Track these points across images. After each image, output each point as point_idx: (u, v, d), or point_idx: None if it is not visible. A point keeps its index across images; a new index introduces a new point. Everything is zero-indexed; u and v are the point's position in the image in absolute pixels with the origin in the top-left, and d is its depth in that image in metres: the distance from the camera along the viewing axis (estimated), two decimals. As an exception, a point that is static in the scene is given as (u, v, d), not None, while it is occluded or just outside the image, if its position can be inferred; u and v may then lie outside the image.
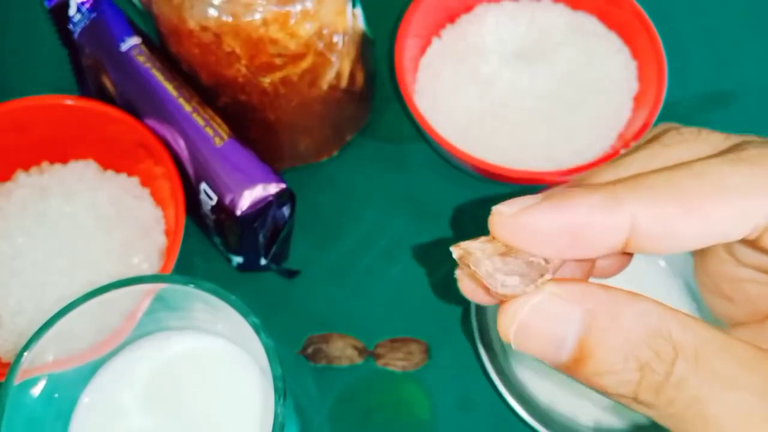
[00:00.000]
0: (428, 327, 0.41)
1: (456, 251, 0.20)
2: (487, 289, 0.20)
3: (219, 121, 0.38)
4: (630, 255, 0.24)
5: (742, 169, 0.19)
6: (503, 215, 0.19)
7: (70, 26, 0.41)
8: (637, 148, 0.22)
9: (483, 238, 0.20)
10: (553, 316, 0.19)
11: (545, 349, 0.19)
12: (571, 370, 0.19)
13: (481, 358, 0.36)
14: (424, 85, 0.44)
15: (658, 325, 0.18)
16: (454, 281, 0.43)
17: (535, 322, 0.19)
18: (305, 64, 0.39)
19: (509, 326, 0.19)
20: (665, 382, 0.18)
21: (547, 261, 0.19)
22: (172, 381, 0.32)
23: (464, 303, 0.42)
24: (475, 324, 0.37)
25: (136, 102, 0.39)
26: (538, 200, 0.19)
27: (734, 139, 0.21)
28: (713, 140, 0.21)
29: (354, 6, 0.40)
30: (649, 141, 0.22)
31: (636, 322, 0.18)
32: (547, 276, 0.19)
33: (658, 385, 0.18)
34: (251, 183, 0.36)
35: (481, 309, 0.37)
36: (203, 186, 0.37)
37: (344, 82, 0.41)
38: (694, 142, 0.21)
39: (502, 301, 0.19)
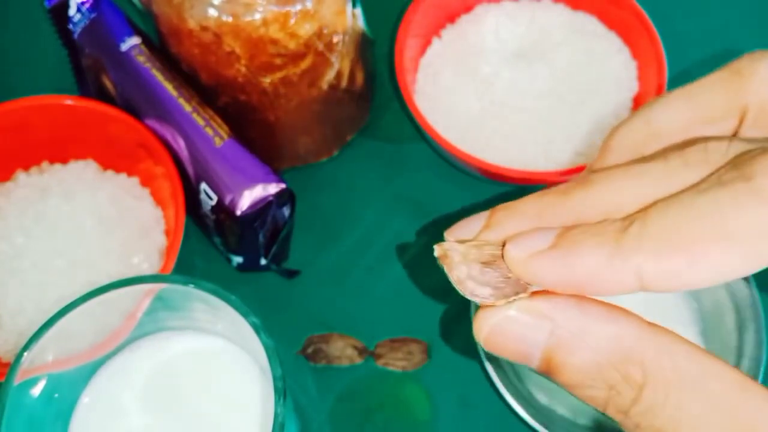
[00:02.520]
0: (428, 327, 0.41)
1: (438, 250, 0.20)
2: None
3: (219, 121, 0.38)
4: None
5: (751, 208, 0.18)
6: (514, 258, 0.19)
7: (70, 26, 0.41)
8: (657, 156, 0.21)
9: (472, 242, 0.20)
10: (520, 330, 0.19)
11: (514, 358, 0.20)
12: (547, 375, 0.20)
13: (481, 358, 0.36)
14: (424, 85, 0.44)
15: (631, 348, 0.18)
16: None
17: (503, 333, 0.19)
18: (305, 64, 0.39)
19: (480, 333, 0.20)
20: (632, 406, 0.18)
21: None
22: (172, 381, 0.32)
23: (464, 303, 0.42)
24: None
25: (136, 102, 0.39)
26: (548, 244, 0.19)
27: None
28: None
29: (354, 6, 0.40)
30: (674, 150, 0.21)
31: (607, 342, 0.18)
32: (523, 295, 0.19)
33: (626, 408, 0.18)
34: (251, 183, 0.36)
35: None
36: (203, 186, 0.37)
37: (344, 82, 0.41)
38: (717, 164, 0.19)
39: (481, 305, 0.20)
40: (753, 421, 0.17)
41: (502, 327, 0.19)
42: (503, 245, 0.20)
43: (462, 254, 0.20)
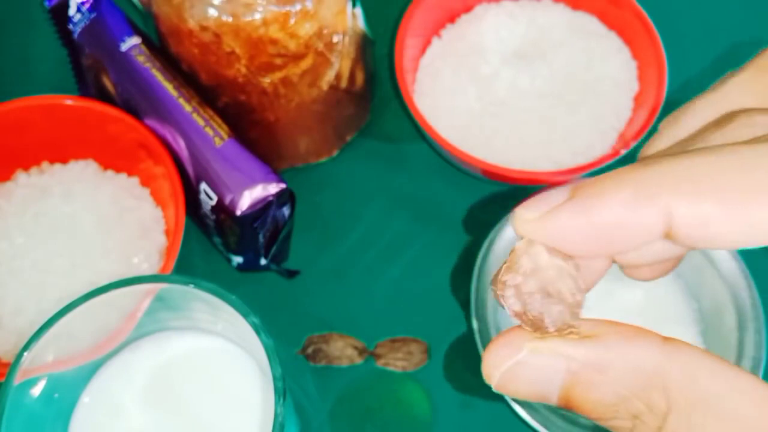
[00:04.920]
0: (428, 327, 0.41)
1: (495, 289, 0.19)
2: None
3: (219, 121, 0.38)
4: (675, 262, 0.22)
5: None
6: (527, 220, 0.18)
7: (70, 26, 0.41)
8: (699, 134, 0.20)
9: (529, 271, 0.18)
10: (534, 373, 0.18)
11: (532, 399, 0.19)
12: (568, 410, 0.19)
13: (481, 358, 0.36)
14: (424, 85, 0.44)
15: (652, 375, 0.17)
16: (454, 281, 0.43)
17: (516, 378, 0.18)
18: (305, 64, 0.39)
19: (491, 379, 0.18)
20: None
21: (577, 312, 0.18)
22: (172, 381, 0.32)
23: (464, 303, 0.42)
24: (476, 324, 0.37)
25: (136, 102, 0.39)
26: (564, 198, 0.18)
27: None
28: None
29: (354, 6, 0.40)
30: (713, 126, 0.20)
31: (626, 374, 0.17)
32: (573, 329, 0.18)
33: None
34: (251, 183, 0.36)
35: (481, 309, 0.37)
36: (203, 186, 0.37)
37: (344, 82, 0.41)
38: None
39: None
40: None
41: (515, 373, 0.18)
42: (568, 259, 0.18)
43: (516, 291, 0.18)
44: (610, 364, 0.17)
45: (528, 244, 0.18)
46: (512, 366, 0.18)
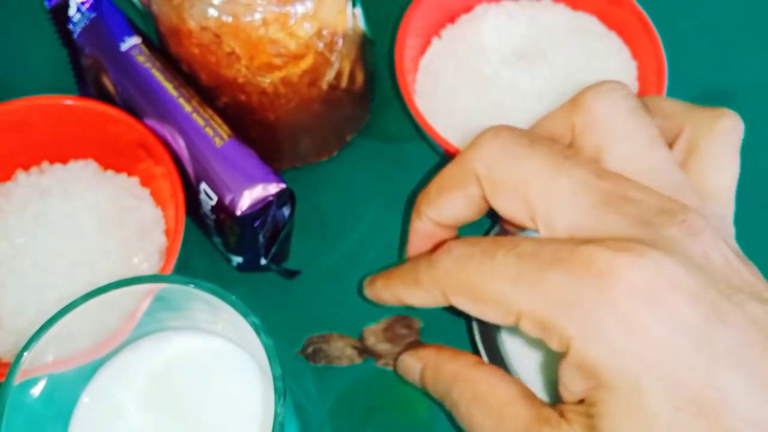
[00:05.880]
0: (428, 327, 0.41)
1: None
2: None
3: (219, 121, 0.38)
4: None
5: (427, 271, 0.31)
6: (366, 290, 0.37)
7: (70, 26, 0.41)
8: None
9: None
10: (408, 364, 0.35)
11: (411, 381, 0.35)
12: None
13: (482, 358, 0.36)
14: (424, 85, 0.44)
15: (456, 377, 0.32)
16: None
17: (402, 365, 0.35)
18: (305, 64, 0.39)
19: (396, 365, 0.36)
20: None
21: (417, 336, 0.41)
22: (172, 381, 0.32)
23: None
24: (476, 324, 0.37)
25: (136, 102, 0.39)
26: (370, 282, 0.36)
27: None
28: None
29: (354, 6, 0.40)
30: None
31: (447, 373, 0.32)
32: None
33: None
34: (251, 183, 0.36)
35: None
36: (203, 186, 0.37)
37: (344, 82, 0.41)
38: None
39: None
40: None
41: (401, 362, 0.35)
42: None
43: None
44: (442, 367, 0.34)
45: None
46: (401, 359, 0.36)
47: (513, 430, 0.28)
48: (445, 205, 0.32)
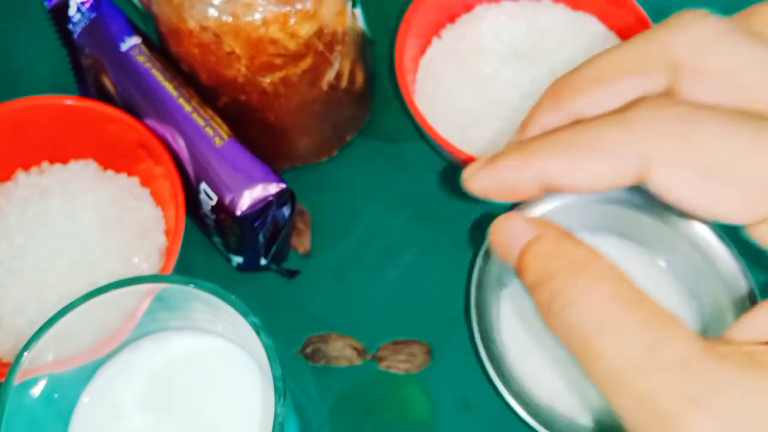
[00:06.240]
0: (429, 327, 0.41)
1: None
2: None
3: (219, 121, 0.38)
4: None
5: (620, 131, 0.24)
6: (463, 179, 0.29)
7: (70, 26, 0.41)
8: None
9: None
10: (513, 229, 0.27)
11: (500, 250, 0.27)
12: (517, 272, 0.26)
13: (481, 359, 0.36)
14: (424, 85, 0.44)
15: (587, 264, 0.24)
16: (454, 281, 0.43)
17: (501, 229, 0.27)
18: (305, 64, 0.39)
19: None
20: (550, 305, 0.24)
21: None
22: (172, 381, 0.32)
23: (465, 303, 0.42)
24: (476, 324, 0.37)
25: (136, 102, 0.39)
26: (480, 165, 0.28)
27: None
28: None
29: (354, 6, 0.40)
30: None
31: (578, 255, 0.25)
32: None
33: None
34: (251, 183, 0.36)
35: (481, 308, 0.37)
36: (203, 186, 0.37)
37: (344, 82, 0.41)
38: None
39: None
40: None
41: (504, 223, 0.27)
42: None
43: None
44: (566, 247, 0.25)
45: None
46: (499, 222, 0.28)
47: (671, 355, 0.21)
48: (607, 95, 0.26)
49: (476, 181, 0.27)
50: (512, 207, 0.33)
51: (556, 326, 0.23)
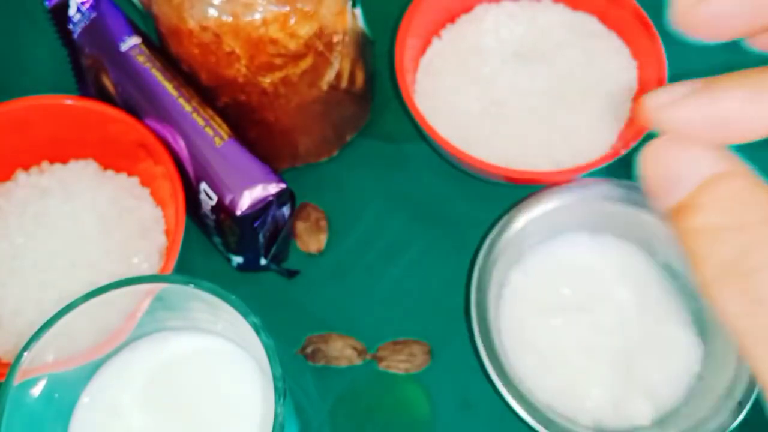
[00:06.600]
0: (430, 328, 0.41)
1: None
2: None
3: (219, 121, 0.38)
4: None
5: None
6: (660, 105, 0.20)
7: (70, 26, 0.41)
8: None
9: None
10: (683, 157, 0.20)
11: (660, 183, 0.20)
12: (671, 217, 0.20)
13: (481, 359, 0.36)
14: (424, 85, 0.44)
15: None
16: (454, 281, 0.43)
17: (655, 156, 0.20)
18: (305, 64, 0.39)
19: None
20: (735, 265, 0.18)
21: None
22: (171, 381, 0.32)
23: (465, 303, 0.42)
24: (476, 324, 0.37)
25: (136, 102, 0.39)
26: (689, 91, 0.20)
27: None
28: None
29: (354, 6, 0.40)
30: None
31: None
32: None
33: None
34: (251, 183, 0.36)
35: (481, 308, 0.37)
36: (203, 186, 0.37)
37: (344, 82, 0.41)
38: None
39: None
40: None
41: (659, 148, 0.20)
42: None
43: None
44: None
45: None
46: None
47: None
48: None
49: (683, 109, 0.20)
50: (500, 216, 0.32)
51: (740, 289, 0.18)
